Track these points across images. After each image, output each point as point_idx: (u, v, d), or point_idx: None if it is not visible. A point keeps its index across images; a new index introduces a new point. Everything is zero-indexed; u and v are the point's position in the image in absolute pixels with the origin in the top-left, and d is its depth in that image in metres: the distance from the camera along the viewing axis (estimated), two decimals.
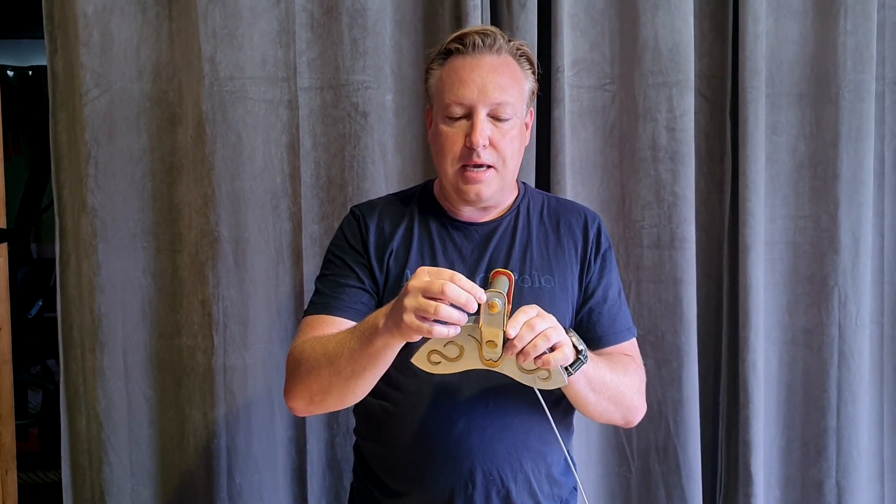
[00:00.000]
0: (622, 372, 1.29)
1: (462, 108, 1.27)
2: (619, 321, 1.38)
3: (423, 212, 1.38)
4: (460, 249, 1.34)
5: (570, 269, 1.35)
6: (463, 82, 1.26)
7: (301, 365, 1.22)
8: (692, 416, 1.89)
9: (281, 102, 1.81)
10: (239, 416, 1.84)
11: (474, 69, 1.27)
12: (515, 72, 1.30)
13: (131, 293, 1.84)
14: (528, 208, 1.40)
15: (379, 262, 1.33)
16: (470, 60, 1.27)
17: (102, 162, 1.80)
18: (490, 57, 1.27)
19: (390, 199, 1.43)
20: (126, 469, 1.87)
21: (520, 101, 1.30)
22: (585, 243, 1.37)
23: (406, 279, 1.29)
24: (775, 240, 1.94)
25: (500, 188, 1.32)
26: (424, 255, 1.33)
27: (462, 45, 1.28)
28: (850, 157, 1.90)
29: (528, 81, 1.33)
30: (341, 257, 1.35)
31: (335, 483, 1.89)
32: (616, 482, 1.96)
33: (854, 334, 1.93)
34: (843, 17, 1.88)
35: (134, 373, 1.86)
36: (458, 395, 1.27)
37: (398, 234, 1.35)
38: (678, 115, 1.84)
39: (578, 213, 1.41)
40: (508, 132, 1.28)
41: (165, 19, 1.80)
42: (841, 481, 1.95)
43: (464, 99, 1.26)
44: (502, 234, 1.36)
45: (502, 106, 1.26)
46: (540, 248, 1.36)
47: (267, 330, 1.84)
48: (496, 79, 1.26)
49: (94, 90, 1.78)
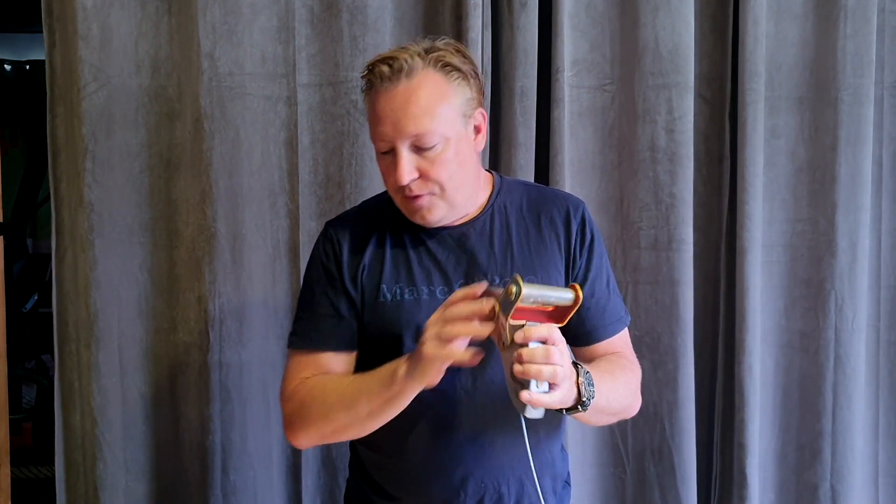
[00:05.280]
0: (622, 382, 1.28)
1: (385, 144, 1.20)
2: (608, 313, 1.34)
3: (395, 220, 1.31)
4: (435, 256, 1.29)
5: (554, 266, 1.31)
6: (378, 119, 1.20)
7: (310, 409, 1.23)
8: (688, 418, 1.89)
9: (280, 99, 1.81)
10: (234, 413, 1.83)
11: (386, 103, 1.18)
12: (436, 91, 1.19)
13: (127, 289, 1.84)
14: (504, 205, 1.33)
15: (353, 280, 1.29)
16: (382, 93, 1.19)
17: (100, 157, 1.79)
18: (402, 84, 1.18)
19: (363, 210, 1.38)
20: (120, 465, 1.87)
21: (446, 121, 1.19)
22: (568, 236, 1.32)
23: (382, 295, 1.27)
24: (773, 243, 1.94)
25: (450, 207, 1.25)
26: (399, 267, 1.29)
27: (372, 76, 1.20)
28: (849, 161, 1.90)
29: (459, 92, 1.21)
30: (316, 284, 1.32)
31: (329, 481, 1.89)
32: (611, 483, 1.96)
33: (850, 338, 1.94)
34: (843, 21, 1.88)
35: (129, 368, 1.85)
36: (450, 406, 1.26)
37: (370, 248, 1.30)
38: (677, 116, 1.85)
39: (560, 202, 1.34)
40: (437, 158, 1.19)
41: (165, 14, 1.80)
42: (836, 485, 1.96)
43: (382, 137, 1.20)
44: (479, 236, 1.30)
45: (421, 136, 1.18)
46: (521, 247, 1.30)
47: (263, 327, 1.84)
48: (410, 109, 1.17)
49: (92, 84, 1.77)
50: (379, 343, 1.28)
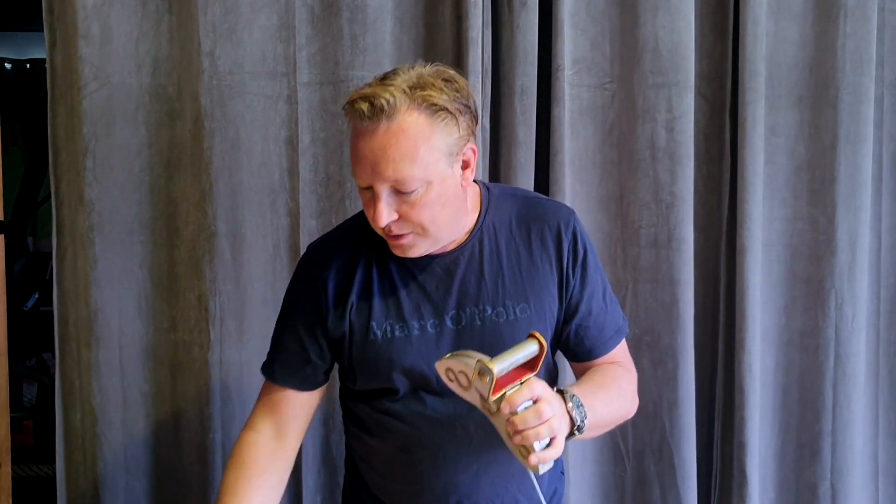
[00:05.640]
0: (615, 393, 1.27)
1: (364, 182, 1.15)
2: (607, 328, 1.33)
3: (380, 249, 1.26)
4: (424, 288, 1.25)
5: (547, 290, 1.27)
6: (357, 159, 1.14)
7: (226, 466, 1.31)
8: (688, 416, 1.89)
9: (280, 98, 1.80)
10: (234, 412, 1.83)
11: (366, 144, 1.12)
12: (418, 134, 1.11)
13: (128, 287, 1.84)
14: (493, 224, 1.28)
15: (340, 319, 1.26)
16: (362, 132, 1.12)
17: (100, 155, 1.79)
18: (382, 126, 1.10)
19: (347, 234, 1.32)
20: (120, 463, 1.87)
21: (427, 165, 1.13)
22: (560, 257, 1.27)
23: (372, 332, 1.25)
24: (773, 241, 1.94)
25: (433, 242, 1.21)
26: (388, 300, 1.25)
27: (353, 112, 1.12)
28: (849, 160, 1.90)
29: (445, 133, 1.14)
30: (291, 319, 1.31)
31: (330, 479, 1.89)
32: (611, 482, 1.96)
33: (850, 337, 1.94)
34: (843, 20, 1.88)
35: (129, 367, 1.85)
36: (444, 434, 1.27)
37: (356, 283, 1.26)
38: (677, 115, 1.85)
39: (550, 218, 1.29)
40: (418, 202, 1.14)
41: (165, 13, 1.80)
42: (835, 484, 1.96)
43: (361, 177, 1.15)
44: (468, 263, 1.26)
45: (400, 182, 1.12)
46: (512, 271, 1.26)
47: (263, 325, 1.84)
48: (389, 153, 1.11)
49: (92, 83, 1.77)
50: (370, 377, 1.28)
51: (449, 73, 1.17)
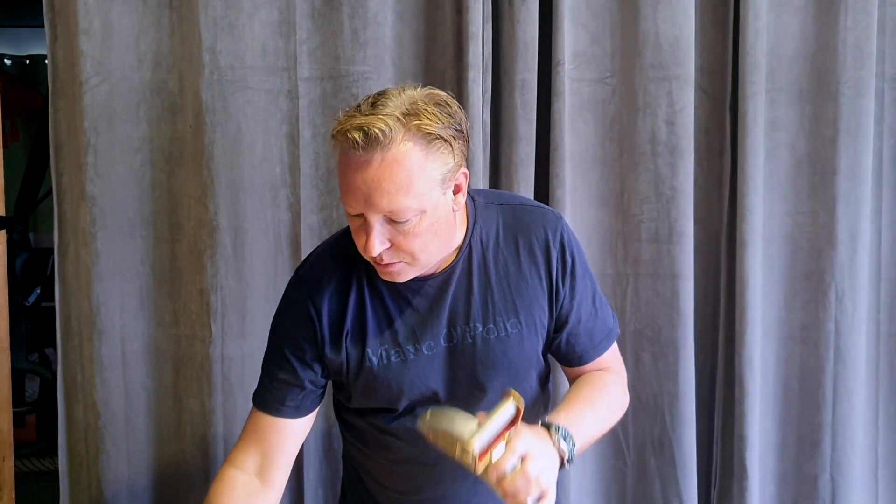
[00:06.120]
0: (603, 404, 1.29)
1: (355, 210, 1.12)
2: (596, 333, 1.33)
3: (370, 271, 1.24)
4: (417, 310, 1.24)
5: (536, 302, 1.26)
6: (348, 188, 1.10)
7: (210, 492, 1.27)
8: (688, 410, 1.90)
9: (281, 92, 1.81)
10: (236, 406, 1.84)
11: (359, 174, 1.08)
12: (414, 165, 1.08)
13: (129, 282, 1.84)
14: (480, 238, 1.26)
15: (336, 346, 1.25)
16: (354, 162, 1.08)
17: (102, 151, 1.80)
18: (377, 157, 1.07)
19: (339, 252, 1.28)
20: (123, 458, 1.87)
21: (422, 195, 1.10)
22: (549, 269, 1.26)
23: (368, 360, 1.24)
24: (773, 235, 1.94)
25: (421, 268, 1.20)
26: (382, 325, 1.24)
27: (345, 141, 1.08)
28: (849, 154, 1.90)
29: (439, 161, 1.11)
30: (282, 346, 1.28)
31: (332, 472, 1.89)
32: (611, 475, 1.96)
33: (850, 331, 1.94)
34: (844, 14, 1.87)
35: (131, 362, 1.86)
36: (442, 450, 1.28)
37: (350, 307, 1.25)
38: (678, 109, 1.85)
39: (537, 228, 1.27)
40: (410, 231, 1.12)
41: (166, 8, 1.80)
42: (835, 477, 1.96)
43: (352, 205, 1.11)
44: (458, 282, 1.25)
45: (395, 213, 1.10)
46: (501, 287, 1.25)
47: (265, 320, 1.82)
48: (383, 185, 1.07)
49: (94, 79, 1.77)
50: (366, 400, 1.29)
51: (441, 96, 1.14)
